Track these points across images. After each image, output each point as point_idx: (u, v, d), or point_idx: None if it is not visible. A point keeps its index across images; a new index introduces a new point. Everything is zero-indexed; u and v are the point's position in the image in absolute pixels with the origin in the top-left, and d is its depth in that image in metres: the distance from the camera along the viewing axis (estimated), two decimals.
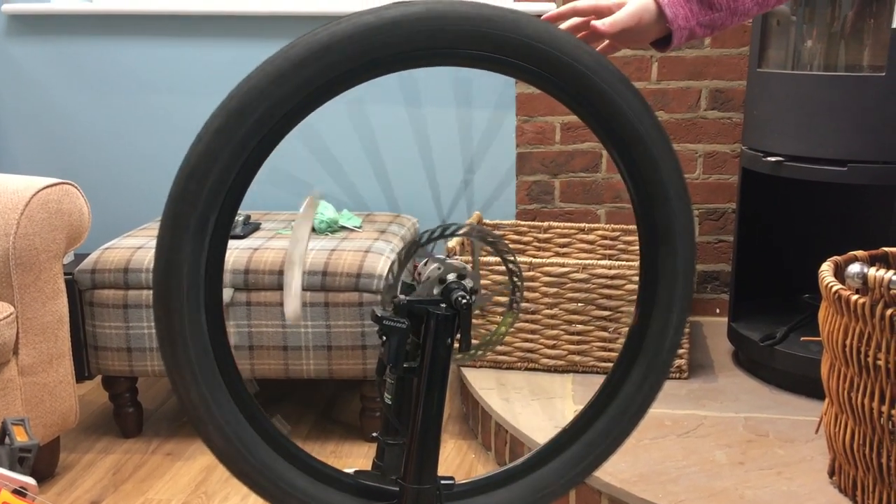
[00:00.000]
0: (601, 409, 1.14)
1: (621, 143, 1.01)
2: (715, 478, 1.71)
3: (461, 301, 0.97)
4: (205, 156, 0.89)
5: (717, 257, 2.66)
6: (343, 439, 2.22)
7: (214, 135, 0.89)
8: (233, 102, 0.90)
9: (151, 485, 2.02)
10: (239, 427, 0.99)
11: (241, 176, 0.92)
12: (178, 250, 0.92)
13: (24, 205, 1.85)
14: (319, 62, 0.89)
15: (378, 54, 0.91)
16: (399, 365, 0.97)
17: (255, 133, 0.90)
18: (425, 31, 0.91)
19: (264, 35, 2.63)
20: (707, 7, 1.03)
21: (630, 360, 1.11)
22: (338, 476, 1.06)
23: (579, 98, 0.98)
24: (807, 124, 1.97)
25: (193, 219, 0.91)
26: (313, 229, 2.36)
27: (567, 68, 0.96)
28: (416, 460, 1.02)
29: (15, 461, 0.92)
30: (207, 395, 0.96)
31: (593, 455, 1.13)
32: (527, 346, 2.22)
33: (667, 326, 1.07)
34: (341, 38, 0.90)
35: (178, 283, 0.92)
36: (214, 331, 0.96)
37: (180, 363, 0.95)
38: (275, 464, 1.02)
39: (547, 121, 2.61)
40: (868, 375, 1.51)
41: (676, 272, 1.06)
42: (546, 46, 0.95)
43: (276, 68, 0.89)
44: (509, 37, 0.93)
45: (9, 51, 2.73)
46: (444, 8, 0.92)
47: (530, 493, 1.12)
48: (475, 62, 0.96)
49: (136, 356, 2.15)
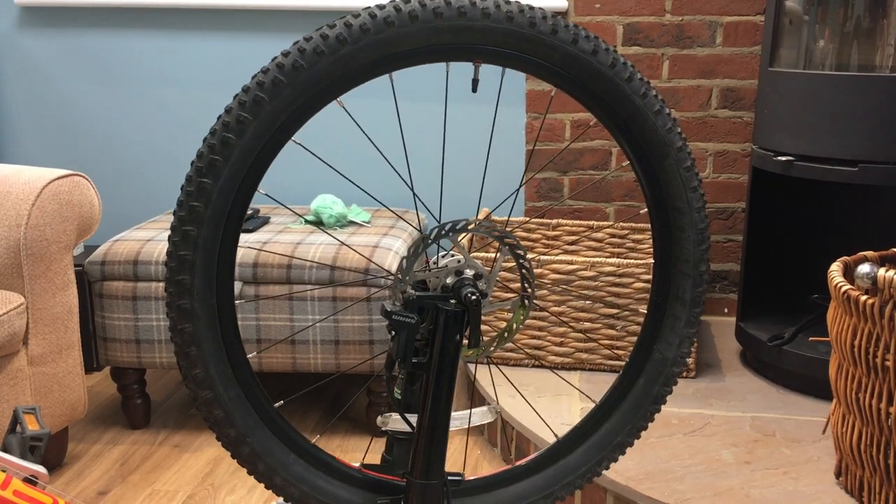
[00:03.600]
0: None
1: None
2: (721, 477, 1.71)
3: (471, 297, 0.98)
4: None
5: (727, 257, 2.65)
6: (349, 433, 2.23)
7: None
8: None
9: (159, 476, 2.03)
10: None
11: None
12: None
13: (36, 196, 1.85)
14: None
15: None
16: (408, 360, 0.98)
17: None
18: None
19: (275, 29, 2.63)
20: None
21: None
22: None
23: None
24: (818, 124, 1.97)
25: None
26: (321, 223, 2.37)
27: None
28: (423, 455, 1.02)
29: (26, 450, 0.93)
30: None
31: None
32: (534, 343, 2.22)
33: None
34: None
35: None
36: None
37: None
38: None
39: (557, 118, 2.60)
40: (876, 376, 1.50)
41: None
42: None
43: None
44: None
45: (21, 43, 2.74)
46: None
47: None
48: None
49: (144, 348, 2.16)
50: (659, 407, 1.12)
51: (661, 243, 1.07)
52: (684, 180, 1.04)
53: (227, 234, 0.93)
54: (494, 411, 1.14)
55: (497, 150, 2.66)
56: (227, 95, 0.92)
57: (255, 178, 0.94)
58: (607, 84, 0.99)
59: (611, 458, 1.14)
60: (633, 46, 2.54)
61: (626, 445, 1.13)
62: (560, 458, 1.14)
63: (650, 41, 2.53)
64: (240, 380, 0.98)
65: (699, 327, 1.13)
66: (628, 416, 1.12)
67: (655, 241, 1.08)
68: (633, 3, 2.51)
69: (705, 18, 2.51)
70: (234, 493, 1.96)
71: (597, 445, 1.13)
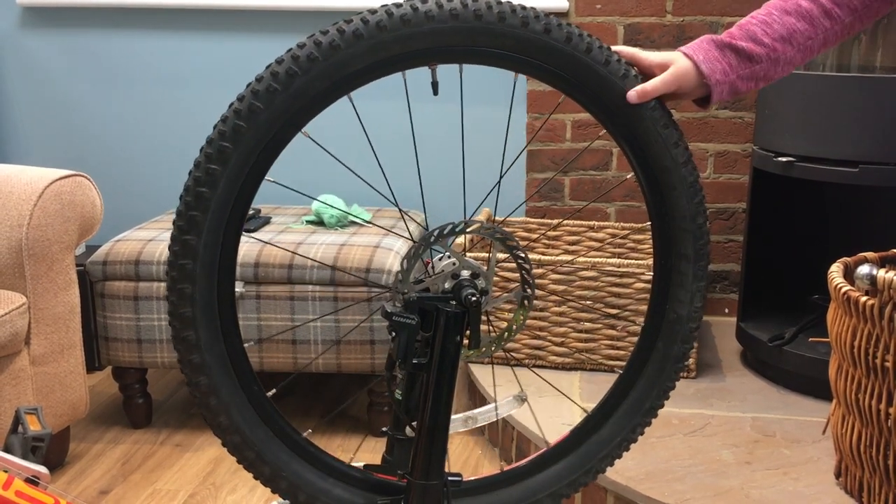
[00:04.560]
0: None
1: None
2: (721, 477, 1.71)
3: (471, 299, 0.98)
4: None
5: (727, 257, 2.66)
6: (350, 434, 2.24)
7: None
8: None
9: (160, 475, 2.04)
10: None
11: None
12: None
13: (38, 196, 1.86)
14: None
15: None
16: (408, 361, 0.98)
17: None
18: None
19: (276, 30, 2.64)
20: (746, 59, 1.00)
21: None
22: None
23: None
24: (818, 125, 1.97)
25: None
26: (323, 223, 2.37)
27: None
28: (423, 456, 1.02)
29: (28, 450, 0.93)
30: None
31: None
32: (535, 343, 2.22)
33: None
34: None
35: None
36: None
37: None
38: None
39: (557, 118, 2.61)
40: (876, 377, 1.51)
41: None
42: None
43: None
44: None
45: (24, 43, 2.75)
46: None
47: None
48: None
49: (146, 347, 2.17)
50: (682, 365, 1.12)
51: (655, 205, 1.07)
52: (664, 138, 1.04)
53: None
54: (521, 399, 1.14)
55: (497, 150, 2.66)
56: (229, 95, 0.92)
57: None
58: (566, 58, 1.00)
59: (645, 423, 1.14)
60: (635, 47, 2.53)
61: (657, 408, 1.14)
62: (593, 432, 1.14)
63: (651, 42, 2.53)
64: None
65: (707, 282, 1.13)
66: (654, 380, 1.12)
67: (650, 205, 1.08)
68: (633, 4, 2.51)
69: (706, 19, 2.51)
70: (235, 492, 1.96)
71: (628, 413, 1.13)
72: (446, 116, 2.61)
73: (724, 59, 1.00)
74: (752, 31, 1.00)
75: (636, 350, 1.13)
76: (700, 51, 1.01)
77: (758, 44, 0.99)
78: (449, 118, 2.62)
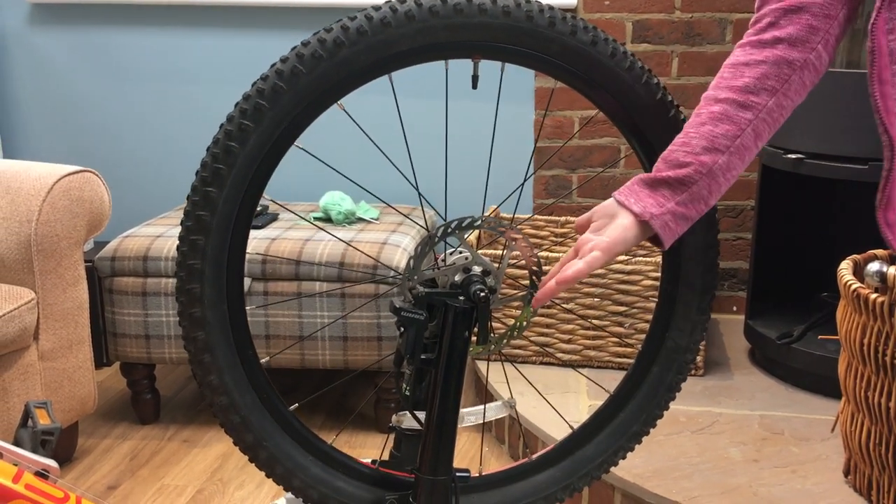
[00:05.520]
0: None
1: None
2: (729, 475, 1.71)
3: (479, 294, 0.98)
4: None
5: (736, 254, 2.65)
6: (357, 429, 2.24)
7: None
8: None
9: (168, 471, 2.04)
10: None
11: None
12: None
13: (47, 192, 1.86)
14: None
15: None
16: (416, 356, 0.98)
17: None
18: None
19: (284, 26, 2.64)
20: (678, 185, 0.93)
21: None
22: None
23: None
24: (828, 122, 1.96)
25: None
26: (330, 220, 2.37)
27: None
28: (431, 451, 1.02)
29: (37, 444, 0.93)
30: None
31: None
32: (542, 340, 2.22)
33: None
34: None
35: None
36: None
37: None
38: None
39: (565, 115, 2.60)
40: (885, 375, 1.50)
41: None
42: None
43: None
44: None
45: (32, 40, 2.75)
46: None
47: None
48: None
49: (154, 343, 2.17)
50: (674, 395, 1.12)
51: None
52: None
53: (234, 240, 0.94)
54: (509, 405, 1.14)
55: (505, 147, 2.65)
56: (237, 91, 0.92)
57: (260, 184, 0.94)
58: (609, 72, 0.99)
59: (627, 448, 1.13)
60: (643, 44, 2.53)
61: (642, 434, 1.13)
62: (576, 449, 1.14)
63: (659, 38, 2.53)
64: (254, 385, 0.99)
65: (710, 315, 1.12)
66: (643, 405, 1.12)
67: None
68: (642, 1, 2.51)
69: (715, 16, 2.50)
70: (242, 488, 1.96)
71: (613, 435, 1.13)
72: (451, 113, 2.61)
73: (653, 195, 0.94)
74: (674, 157, 0.94)
75: (630, 372, 1.13)
76: (630, 194, 0.95)
77: (682, 166, 0.93)
78: (452, 115, 2.62)
